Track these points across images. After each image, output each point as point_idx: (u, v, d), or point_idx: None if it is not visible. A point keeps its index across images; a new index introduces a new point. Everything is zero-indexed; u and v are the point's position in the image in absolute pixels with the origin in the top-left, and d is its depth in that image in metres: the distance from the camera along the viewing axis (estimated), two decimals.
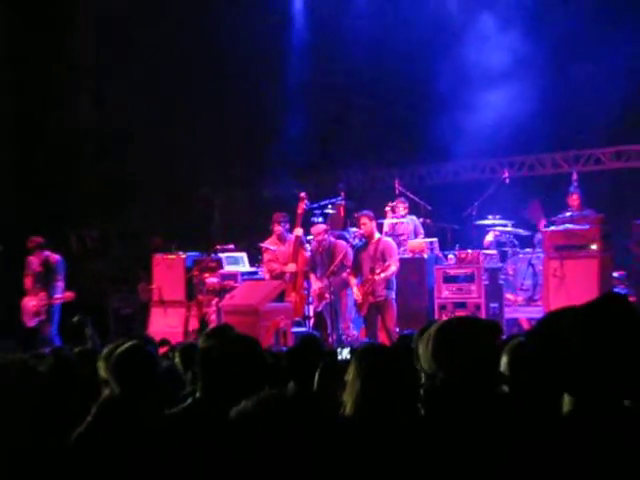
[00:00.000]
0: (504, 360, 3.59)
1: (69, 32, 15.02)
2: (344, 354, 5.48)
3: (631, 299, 9.40)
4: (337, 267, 10.80)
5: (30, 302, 11.42)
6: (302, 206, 11.35)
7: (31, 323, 11.40)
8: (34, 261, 11.51)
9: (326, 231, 11.10)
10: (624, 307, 2.23)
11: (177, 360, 4.94)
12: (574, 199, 11.46)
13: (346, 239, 11.58)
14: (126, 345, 3.97)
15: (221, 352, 3.71)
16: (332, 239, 11.08)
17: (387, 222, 12.19)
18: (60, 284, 11.44)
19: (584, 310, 2.25)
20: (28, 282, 11.55)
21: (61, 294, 11.35)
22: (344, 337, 10.80)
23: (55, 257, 11.55)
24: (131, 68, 14.62)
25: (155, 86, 14.43)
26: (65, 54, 14.81)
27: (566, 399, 2.24)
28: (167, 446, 3.48)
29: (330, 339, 10.59)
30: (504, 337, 5.14)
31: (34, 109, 14.18)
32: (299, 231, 11.26)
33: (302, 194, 11.47)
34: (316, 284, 11.06)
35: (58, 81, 14.55)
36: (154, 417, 3.69)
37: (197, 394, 3.79)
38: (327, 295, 10.82)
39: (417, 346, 3.91)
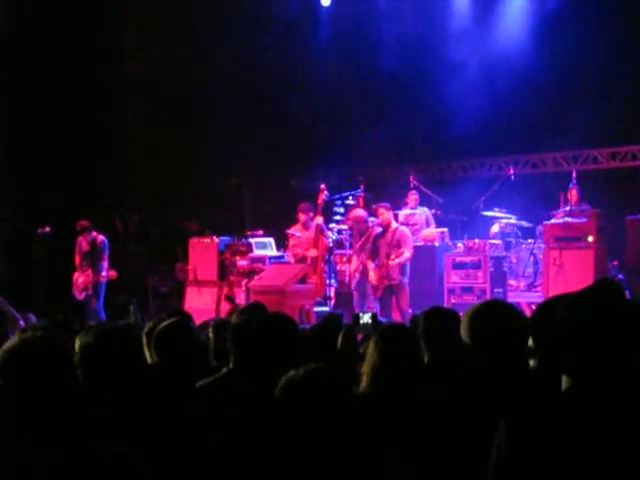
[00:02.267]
0: None
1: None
2: (365, 319, 5.36)
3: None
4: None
5: (79, 278, 11.40)
6: (322, 197, 11.14)
7: (80, 297, 11.37)
8: (83, 241, 11.43)
9: (364, 218, 10.91)
10: (615, 293, 2.11)
11: (211, 335, 4.83)
12: (573, 195, 11.35)
13: None
14: (167, 322, 3.73)
15: (260, 328, 3.55)
16: (369, 224, 10.88)
17: (402, 213, 12.05)
18: (105, 263, 11.34)
19: (578, 296, 2.13)
20: (77, 260, 11.51)
21: (106, 272, 11.28)
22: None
23: (101, 238, 11.44)
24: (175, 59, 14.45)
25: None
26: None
27: (564, 377, 2.14)
28: (202, 410, 3.35)
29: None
30: None
31: (84, 105, 13.91)
32: (319, 219, 11.06)
33: (322, 186, 11.26)
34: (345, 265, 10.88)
35: (107, 80, 14.31)
36: (190, 385, 3.54)
37: (230, 365, 3.67)
38: (357, 275, 10.68)
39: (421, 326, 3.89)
